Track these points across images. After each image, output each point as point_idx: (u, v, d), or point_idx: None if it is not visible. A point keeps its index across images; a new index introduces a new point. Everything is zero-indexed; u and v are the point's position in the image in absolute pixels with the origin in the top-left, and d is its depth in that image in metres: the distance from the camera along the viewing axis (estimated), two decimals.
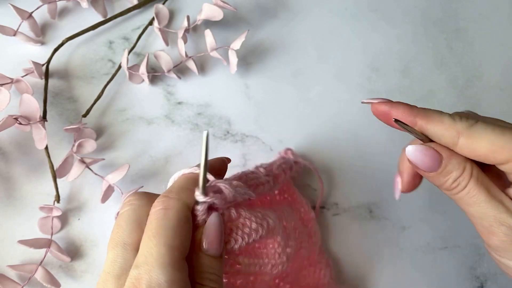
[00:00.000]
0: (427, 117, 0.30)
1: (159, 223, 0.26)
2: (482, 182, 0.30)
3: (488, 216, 0.29)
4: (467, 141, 0.29)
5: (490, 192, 0.30)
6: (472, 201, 0.30)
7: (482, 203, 0.29)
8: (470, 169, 0.30)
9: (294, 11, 0.57)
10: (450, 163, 0.30)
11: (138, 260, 0.25)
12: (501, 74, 0.56)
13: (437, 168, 0.30)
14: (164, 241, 0.25)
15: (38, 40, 0.52)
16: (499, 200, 0.30)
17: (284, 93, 0.53)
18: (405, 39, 0.57)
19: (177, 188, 0.29)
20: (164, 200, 0.27)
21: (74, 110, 0.50)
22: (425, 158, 0.30)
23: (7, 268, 0.42)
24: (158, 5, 0.53)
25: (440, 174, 0.31)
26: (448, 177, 0.30)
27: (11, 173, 0.46)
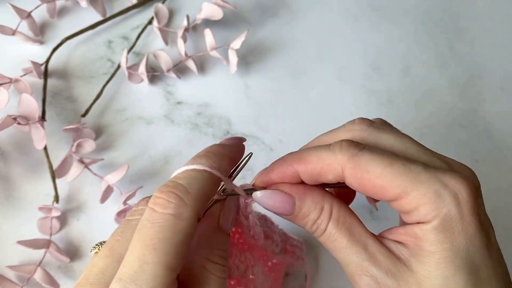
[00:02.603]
0: (303, 159, 0.27)
1: (164, 235, 0.22)
2: (343, 224, 0.26)
3: (350, 263, 0.26)
4: (352, 174, 0.25)
5: (352, 235, 0.26)
6: (333, 246, 0.26)
7: (343, 249, 0.26)
8: (329, 209, 0.27)
9: (295, 10, 0.57)
10: (304, 204, 0.27)
11: (125, 272, 0.22)
12: (502, 74, 0.56)
13: (291, 211, 0.27)
14: (164, 259, 0.22)
15: (37, 40, 0.51)
16: (362, 245, 0.26)
17: (284, 93, 0.52)
18: (406, 38, 0.57)
19: (197, 192, 0.24)
20: (177, 204, 0.23)
21: (73, 110, 0.49)
22: (275, 203, 0.27)
23: (6, 269, 0.42)
24: (157, 4, 0.53)
25: (297, 217, 0.27)
26: (306, 220, 0.27)
27: (10, 173, 0.46)
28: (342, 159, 0.25)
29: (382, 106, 0.53)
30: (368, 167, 0.25)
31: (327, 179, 0.26)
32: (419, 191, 0.24)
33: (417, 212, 0.24)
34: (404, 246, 0.25)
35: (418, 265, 0.24)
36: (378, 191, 0.25)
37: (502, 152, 0.52)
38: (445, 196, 0.24)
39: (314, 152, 0.27)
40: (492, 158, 0.51)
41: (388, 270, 0.25)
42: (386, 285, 0.24)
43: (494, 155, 0.52)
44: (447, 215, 0.24)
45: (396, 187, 0.24)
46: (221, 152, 0.28)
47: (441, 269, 0.24)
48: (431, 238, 0.24)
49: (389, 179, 0.24)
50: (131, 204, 0.43)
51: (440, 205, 0.24)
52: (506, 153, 0.52)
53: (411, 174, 0.24)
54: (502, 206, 0.48)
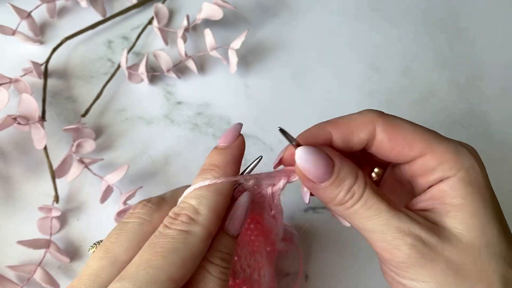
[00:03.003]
0: (336, 122, 0.27)
1: (175, 247, 0.23)
2: (378, 192, 0.26)
3: (390, 227, 0.25)
4: (384, 127, 0.26)
5: (389, 201, 0.26)
6: (369, 214, 0.25)
7: (383, 214, 0.25)
8: (363, 176, 0.26)
9: (295, 10, 0.57)
10: (342, 169, 0.26)
11: (128, 272, 0.22)
12: (502, 74, 0.56)
13: (329, 176, 0.26)
14: (168, 269, 0.22)
15: (37, 40, 0.51)
16: (399, 209, 0.26)
17: (284, 93, 0.52)
18: (406, 38, 0.57)
19: (208, 211, 0.25)
20: (189, 223, 0.24)
21: (73, 110, 0.49)
22: (316, 163, 0.26)
23: (6, 269, 0.42)
24: (157, 4, 0.53)
25: (333, 184, 0.26)
26: (341, 187, 0.26)
27: (10, 173, 0.46)
28: (374, 116, 0.27)
29: (382, 106, 0.53)
30: (398, 122, 0.27)
31: (359, 137, 0.27)
32: (443, 146, 0.26)
33: (442, 167, 0.26)
34: (432, 212, 0.26)
35: (453, 221, 0.25)
36: (406, 145, 0.26)
37: (502, 152, 0.52)
38: (464, 152, 0.26)
39: (346, 116, 0.28)
40: (492, 158, 0.51)
41: (431, 228, 0.25)
42: (430, 242, 0.25)
43: (494, 155, 0.52)
44: (471, 167, 0.25)
45: (423, 141, 0.26)
46: (224, 160, 0.28)
47: (478, 219, 0.25)
48: (460, 190, 0.25)
49: (416, 133, 0.26)
50: (131, 204, 0.43)
51: (462, 159, 0.26)
52: (506, 153, 0.52)
53: (433, 133, 0.27)
54: (502, 206, 0.48)
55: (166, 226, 0.24)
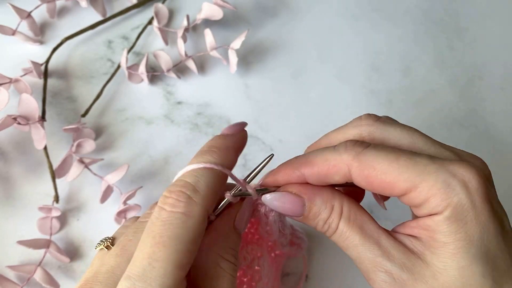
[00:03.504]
0: (309, 162, 0.27)
1: (174, 232, 0.22)
2: (355, 221, 0.26)
3: (364, 260, 0.25)
4: (359, 173, 0.25)
5: (364, 232, 0.26)
6: (346, 244, 0.26)
7: (356, 247, 0.26)
8: (339, 207, 0.26)
9: (295, 10, 0.57)
10: (314, 204, 0.27)
11: (134, 270, 0.22)
12: (502, 74, 0.56)
13: (301, 212, 0.27)
14: (174, 257, 0.22)
15: (37, 40, 0.51)
16: (375, 241, 0.25)
17: (284, 93, 0.52)
18: (406, 38, 0.57)
19: (205, 190, 0.24)
20: (186, 202, 0.23)
21: (73, 110, 0.49)
22: (285, 205, 0.27)
23: (6, 269, 0.42)
24: (157, 4, 0.52)
25: (308, 218, 0.27)
26: (317, 220, 0.27)
27: (10, 173, 0.46)
28: (348, 158, 0.25)
29: (382, 106, 0.53)
30: (374, 164, 0.24)
31: (334, 180, 0.26)
32: (428, 182, 0.24)
33: (428, 204, 0.24)
34: (418, 240, 0.25)
35: (433, 257, 0.24)
36: (386, 187, 0.25)
37: (502, 152, 0.52)
38: (454, 185, 0.23)
39: (319, 154, 0.27)
40: (492, 158, 0.51)
41: (403, 264, 0.25)
42: (401, 279, 0.24)
43: (494, 155, 0.52)
44: (458, 204, 0.23)
45: (404, 181, 0.24)
46: (225, 144, 0.28)
47: (457, 259, 0.23)
48: (444, 228, 0.24)
49: (396, 174, 0.24)
50: (131, 204, 0.43)
51: (450, 195, 0.23)
52: (506, 153, 0.52)
53: (417, 166, 0.24)
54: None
55: (161, 208, 0.23)
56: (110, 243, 0.27)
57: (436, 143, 0.27)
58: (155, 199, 0.46)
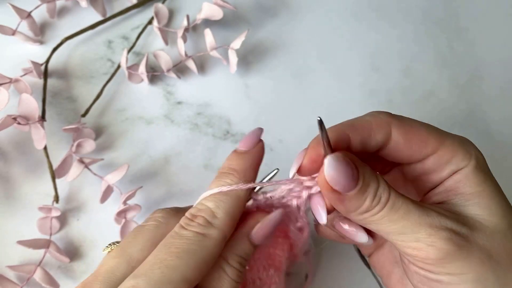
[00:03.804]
0: (353, 125, 0.27)
1: (190, 248, 0.23)
2: (400, 192, 0.26)
3: (422, 225, 0.24)
4: (399, 128, 0.27)
5: (413, 200, 0.25)
6: (398, 216, 0.25)
7: (411, 213, 0.24)
8: (382, 178, 0.25)
9: (294, 10, 0.57)
10: (366, 174, 0.25)
11: (143, 270, 0.23)
12: (502, 74, 0.56)
13: (355, 184, 0.24)
14: (183, 270, 0.22)
15: (37, 40, 0.51)
16: (426, 205, 0.25)
17: (284, 93, 0.52)
18: (406, 38, 0.57)
19: (225, 215, 0.25)
20: (205, 226, 0.25)
21: (73, 110, 0.49)
22: (345, 172, 0.24)
23: (6, 269, 0.42)
24: (157, 4, 0.53)
25: (359, 192, 0.24)
26: (367, 193, 0.25)
27: (10, 173, 0.46)
28: (387, 117, 0.27)
29: (382, 106, 0.53)
30: (411, 122, 0.27)
31: (377, 139, 0.27)
32: (451, 140, 0.27)
33: (455, 159, 0.26)
34: (449, 203, 0.27)
35: (473, 208, 0.26)
36: (421, 143, 0.27)
37: (502, 152, 0.52)
38: (469, 142, 0.28)
39: (359, 118, 0.28)
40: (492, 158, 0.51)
41: (458, 220, 0.25)
42: (463, 233, 0.25)
43: (494, 155, 0.52)
44: (478, 157, 0.27)
45: (434, 138, 0.27)
46: (244, 164, 0.28)
47: (496, 202, 0.26)
48: (474, 178, 0.26)
49: (427, 132, 0.27)
50: (131, 204, 0.43)
51: (469, 149, 0.27)
52: (506, 153, 0.52)
53: (439, 130, 0.28)
54: None
55: (182, 227, 0.25)
56: None
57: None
58: (155, 199, 0.46)
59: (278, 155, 0.49)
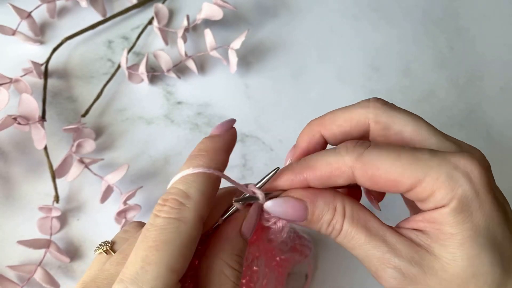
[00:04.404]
0: (312, 167, 0.27)
1: (168, 237, 0.22)
2: (358, 221, 0.26)
3: (371, 258, 0.25)
4: (362, 173, 0.25)
5: (369, 230, 0.26)
6: (351, 245, 0.26)
7: (362, 246, 0.25)
8: (341, 208, 0.26)
9: (295, 10, 0.57)
10: (317, 207, 0.26)
11: (127, 273, 0.22)
12: (502, 74, 0.56)
13: (304, 217, 0.26)
14: (167, 261, 0.22)
15: (37, 40, 0.51)
16: (380, 238, 0.25)
17: (284, 93, 0.52)
18: (406, 38, 0.57)
19: (199, 195, 0.24)
20: (179, 209, 0.23)
21: (73, 110, 0.49)
22: (287, 210, 0.27)
23: (6, 269, 0.42)
24: (157, 4, 0.53)
25: (311, 222, 0.27)
26: (321, 222, 0.26)
27: (10, 173, 0.46)
28: (350, 160, 0.25)
29: None
30: (377, 164, 0.25)
31: (338, 183, 0.26)
32: (431, 177, 0.24)
33: (433, 198, 0.24)
34: (424, 233, 0.25)
35: (441, 249, 0.24)
36: (391, 185, 0.25)
37: (502, 152, 0.52)
38: (457, 177, 0.24)
39: (321, 158, 0.26)
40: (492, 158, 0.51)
41: (411, 258, 0.25)
42: (411, 273, 0.24)
43: (494, 155, 0.52)
44: (463, 195, 0.24)
45: (408, 178, 0.24)
46: (214, 146, 0.27)
47: (465, 249, 0.23)
48: (451, 220, 0.24)
49: (399, 171, 0.24)
50: (131, 204, 0.43)
51: (454, 187, 0.24)
52: (506, 153, 0.52)
53: (420, 162, 0.24)
54: None
55: (156, 215, 0.23)
56: (110, 247, 0.27)
57: (438, 133, 0.28)
58: (155, 199, 0.46)
59: (278, 155, 0.49)
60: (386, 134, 0.28)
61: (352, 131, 0.29)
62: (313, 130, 0.30)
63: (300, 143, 0.31)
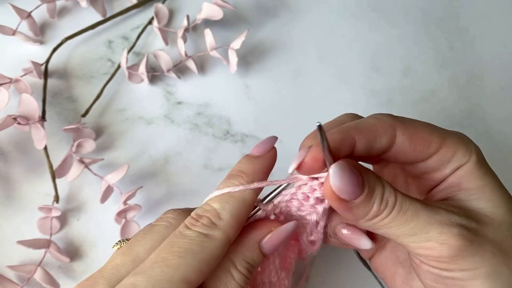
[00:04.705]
0: (358, 127, 0.26)
1: (192, 248, 0.23)
2: (407, 193, 0.26)
3: (433, 224, 0.24)
4: (404, 131, 0.27)
5: (420, 200, 0.25)
6: (407, 217, 0.24)
7: (420, 213, 0.24)
8: (387, 182, 0.25)
9: (295, 10, 0.57)
10: (371, 180, 0.25)
11: (144, 268, 0.23)
12: (502, 74, 0.56)
13: (361, 191, 0.24)
14: (183, 270, 0.22)
15: (37, 40, 0.51)
16: (435, 203, 0.25)
17: (284, 93, 0.52)
18: (406, 38, 0.57)
19: (230, 217, 0.25)
20: (210, 227, 0.24)
21: (73, 110, 0.49)
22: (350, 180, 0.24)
23: (6, 269, 0.42)
24: (157, 4, 0.53)
25: (366, 198, 0.24)
26: (373, 199, 0.24)
27: (10, 173, 0.46)
28: (392, 120, 0.27)
29: (382, 106, 0.53)
30: (414, 124, 0.28)
31: (382, 143, 0.27)
32: (452, 137, 0.27)
33: (457, 155, 0.27)
34: (451, 200, 0.27)
35: (479, 202, 0.26)
36: (425, 142, 0.27)
37: (502, 152, 0.52)
38: (468, 138, 0.28)
39: (364, 121, 0.28)
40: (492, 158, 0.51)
41: (466, 215, 0.25)
42: (473, 228, 0.25)
43: (494, 155, 0.52)
44: (478, 152, 0.27)
45: (437, 137, 0.27)
46: (253, 168, 0.28)
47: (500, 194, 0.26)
48: (476, 172, 0.27)
49: (429, 131, 0.27)
50: (131, 204, 0.43)
51: (469, 146, 0.27)
52: (506, 153, 0.52)
53: (439, 128, 0.28)
54: None
55: (186, 227, 0.25)
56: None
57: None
58: (155, 199, 0.47)
59: (278, 155, 0.49)
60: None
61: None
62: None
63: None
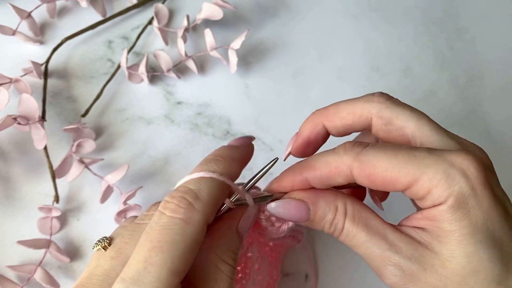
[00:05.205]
0: (311, 167, 0.27)
1: (172, 238, 0.22)
2: (360, 219, 0.26)
3: (373, 256, 0.26)
4: (360, 172, 0.25)
5: (370, 229, 0.26)
6: (353, 243, 0.27)
7: (364, 244, 0.26)
8: (343, 207, 0.27)
9: (295, 10, 0.57)
10: (319, 208, 0.27)
11: (128, 273, 0.21)
12: (502, 74, 0.56)
13: (307, 217, 0.27)
14: (169, 263, 0.21)
15: (37, 40, 0.51)
16: (381, 236, 0.26)
17: (284, 93, 0.52)
18: (406, 38, 0.57)
19: (207, 198, 0.24)
20: (187, 209, 0.23)
21: (73, 110, 0.49)
22: (290, 211, 0.28)
23: (6, 269, 0.42)
24: (157, 4, 0.53)
25: (314, 222, 0.27)
26: (323, 222, 0.27)
27: (10, 173, 0.46)
28: (348, 159, 0.26)
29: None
30: (374, 162, 0.25)
31: (337, 182, 0.27)
32: (428, 175, 0.24)
33: (431, 196, 0.24)
34: (424, 231, 0.25)
35: (440, 246, 0.24)
36: (388, 183, 0.25)
37: (502, 152, 0.52)
38: (454, 174, 0.24)
39: (320, 158, 0.27)
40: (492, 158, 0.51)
41: (411, 255, 0.25)
42: (411, 270, 0.25)
43: (494, 155, 0.51)
44: (460, 192, 0.24)
45: (405, 176, 0.24)
46: (230, 155, 0.28)
47: (464, 246, 0.24)
48: (448, 217, 0.24)
49: (396, 170, 0.24)
50: (131, 204, 0.43)
51: (451, 184, 0.24)
52: (506, 153, 0.52)
53: (416, 160, 0.24)
54: None
55: (161, 213, 0.23)
56: (108, 243, 0.27)
57: (441, 130, 0.28)
58: (155, 199, 0.46)
59: (278, 155, 0.49)
60: (388, 129, 0.28)
61: (355, 124, 0.29)
62: (316, 120, 0.30)
63: (303, 132, 0.31)
